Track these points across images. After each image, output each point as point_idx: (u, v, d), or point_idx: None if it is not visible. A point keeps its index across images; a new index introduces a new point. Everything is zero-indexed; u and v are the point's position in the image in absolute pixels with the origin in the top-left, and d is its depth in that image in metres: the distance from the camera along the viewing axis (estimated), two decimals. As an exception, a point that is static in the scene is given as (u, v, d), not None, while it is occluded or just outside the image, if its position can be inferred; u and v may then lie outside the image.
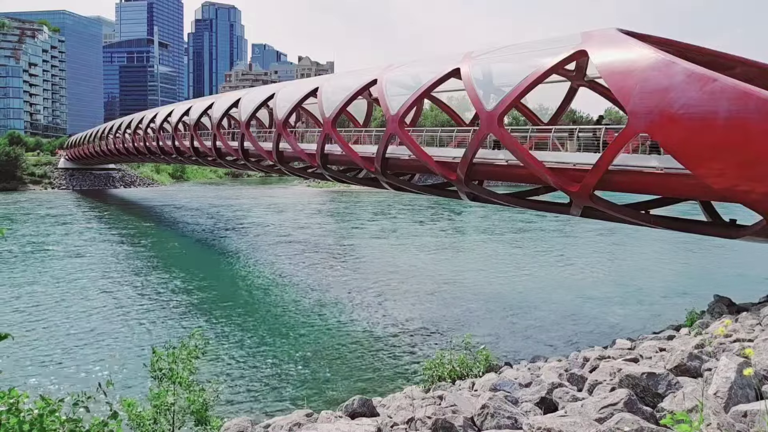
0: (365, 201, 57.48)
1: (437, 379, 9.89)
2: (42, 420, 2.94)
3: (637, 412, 4.40)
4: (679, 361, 6.31)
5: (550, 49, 15.00)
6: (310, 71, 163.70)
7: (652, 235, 28.31)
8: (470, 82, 15.91)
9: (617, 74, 12.26)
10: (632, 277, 21.98)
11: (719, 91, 10.16)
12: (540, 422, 3.85)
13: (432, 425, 5.18)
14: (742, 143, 9.97)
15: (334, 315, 17.12)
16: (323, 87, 23.74)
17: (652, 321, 15.45)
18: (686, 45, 13.91)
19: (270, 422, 6.94)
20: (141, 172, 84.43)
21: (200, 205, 55.59)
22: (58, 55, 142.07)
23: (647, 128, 11.34)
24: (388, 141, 18.59)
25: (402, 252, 28.26)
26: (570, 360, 9.77)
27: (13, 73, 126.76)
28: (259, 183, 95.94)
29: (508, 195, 16.99)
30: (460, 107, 27.44)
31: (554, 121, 18.87)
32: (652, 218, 13.45)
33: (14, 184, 69.57)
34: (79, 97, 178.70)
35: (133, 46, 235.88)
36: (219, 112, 31.87)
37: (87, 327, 15.92)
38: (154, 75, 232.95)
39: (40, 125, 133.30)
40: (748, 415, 3.76)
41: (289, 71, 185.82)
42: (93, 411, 3.40)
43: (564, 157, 14.03)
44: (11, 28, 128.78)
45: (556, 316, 16.57)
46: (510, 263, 25.32)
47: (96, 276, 22.76)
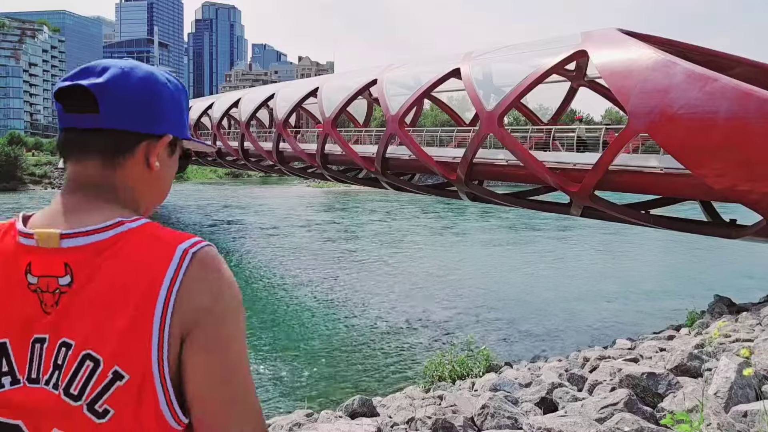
0: (365, 201, 57.52)
1: (437, 379, 9.89)
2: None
3: (637, 412, 4.40)
4: (679, 361, 6.32)
5: (550, 49, 15.01)
6: (310, 71, 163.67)
7: (652, 235, 28.32)
8: (470, 82, 15.92)
9: (617, 74, 12.26)
10: (632, 276, 21.98)
11: (719, 92, 10.16)
12: (540, 422, 3.85)
13: (432, 425, 5.18)
14: (743, 143, 9.97)
15: (334, 315, 17.13)
16: (323, 87, 23.77)
17: (652, 321, 15.44)
18: (686, 45, 13.91)
19: (270, 422, 6.94)
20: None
21: (200, 204, 55.64)
22: (58, 55, 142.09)
23: (647, 128, 11.35)
24: (388, 141, 18.60)
25: (402, 252, 28.27)
26: (570, 360, 9.77)
27: (13, 73, 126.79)
28: (259, 183, 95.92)
29: (508, 195, 16.99)
30: (460, 107, 27.49)
31: (554, 121, 18.89)
32: (652, 218, 13.45)
33: (14, 184, 69.57)
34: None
35: (133, 46, 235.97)
36: (219, 112, 31.90)
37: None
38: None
39: (40, 125, 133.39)
40: (748, 415, 3.77)
41: (289, 71, 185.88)
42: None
43: (564, 157, 14.04)
44: (11, 28, 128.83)
45: (556, 315, 16.57)
46: (510, 263, 25.32)
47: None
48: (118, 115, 0.94)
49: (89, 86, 0.93)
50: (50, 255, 0.89)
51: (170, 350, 0.87)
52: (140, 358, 0.85)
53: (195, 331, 0.88)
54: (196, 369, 0.89)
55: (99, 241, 0.90)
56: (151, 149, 0.99)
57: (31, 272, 0.89)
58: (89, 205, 0.94)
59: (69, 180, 0.98)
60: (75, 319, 0.87)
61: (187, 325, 0.88)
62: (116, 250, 0.89)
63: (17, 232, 0.92)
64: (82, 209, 0.94)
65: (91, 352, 0.85)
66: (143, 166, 1.00)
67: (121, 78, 0.95)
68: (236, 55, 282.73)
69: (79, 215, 0.93)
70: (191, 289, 0.89)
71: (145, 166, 1.00)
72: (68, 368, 0.86)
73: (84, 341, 0.86)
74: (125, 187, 0.98)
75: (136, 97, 0.96)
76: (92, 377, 0.85)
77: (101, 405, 0.85)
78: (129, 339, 0.85)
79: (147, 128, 0.98)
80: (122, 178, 0.98)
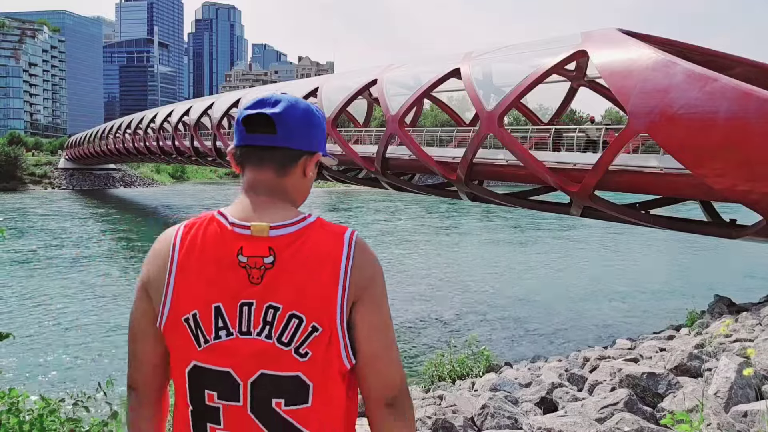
0: (368, 201, 57.52)
1: (437, 379, 9.88)
2: (42, 420, 2.94)
3: (637, 412, 4.40)
4: (679, 361, 6.32)
5: (550, 49, 15.00)
6: (310, 71, 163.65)
7: (652, 235, 28.31)
8: (470, 82, 15.91)
9: (617, 74, 12.25)
10: (632, 276, 21.97)
11: (719, 92, 10.15)
12: (540, 422, 3.85)
13: (432, 425, 5.18)
14: (743, 143, 9.96)
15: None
16: (323, 87, 23.75)
17: (652, 321, 15.44)
18: (686, 45, 13.90)
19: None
20: (141, 172, 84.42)
21: (200, 205, 55.62)
22: (58, 55, 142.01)
23: (647, 128, 11.34)
24: (388, 141, 18.60)
25: (402, 252, 28.26)
26: (570, 360, 9.77)
27: (13, 73, 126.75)
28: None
29: (508, 195, 16.98)
30: (460, 107, 27.46)
31: (554, 121, 18.88)
32: (652, 218, 13.45)
33: (14, 184, 69.53)
34: (79, 97, 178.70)
35: (133, 46, 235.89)
36: (219, 112, 31.89)
37: (87, 326, 15.93)
38: (154, 75, 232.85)
39: (40, 125, 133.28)
40: (748, 415, 3.77)
41: (289, 71, 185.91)
42: (93, 411, 3.40)
43: (564, 157, 14.04)
44: (11, 28, 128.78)
45: (557, 315, 16.57)
46: (510, 263, 25.32)
47: (96, 275, 22.77)
48: (288, 137, 1.28)
49: (270, 115, 1.25)
50: (258, 241, 1.22)
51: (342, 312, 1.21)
52: (330, 317, 1.19)
53: (363, 296, 1.23)
54: (364, 322, 1.23)
55: (292, 232, 1.23)
56: (308, 162, 1.33)
57: (242, 254, 1.21)
58: (273, 205, 1.28)
59: (249, 184, 1.30)
60: (278, 289, 1.19)
61: (359, 292, 1.22)
62: (304, 239, 1.22)
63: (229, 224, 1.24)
64: (269, 207, 1.27)
65: (296, 312, 1.19)
66: (301, 175, 1.33)
67: (290, 109, 1.28)
68: (236, 55, 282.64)
69: (268, 212, 1.26)
70: (358, 266, 1.23)
71: (301, 175, 1.33)
72: (278, 324, 1.19)
73: (289, 305, 1.19)
74: (290, 191, 1.32)
75: (300, 124, 1.29)
76: (298, 330, 1.18)
77: (304, 349, 1.19)
78: (322, 304, 1.19)
79: (306, 147, 1.32)
80: (288, 184, 1.31)
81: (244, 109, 1.29)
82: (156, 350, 1.29)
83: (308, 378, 1.20)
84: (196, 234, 1.26)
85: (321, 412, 1.23)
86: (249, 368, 1.19)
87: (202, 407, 1.23)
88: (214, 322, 1.20)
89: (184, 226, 1.29)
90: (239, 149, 1.31)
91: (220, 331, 1.20)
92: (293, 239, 1.22)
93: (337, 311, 1.20)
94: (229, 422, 1.22)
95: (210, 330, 1.21)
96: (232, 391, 1.20)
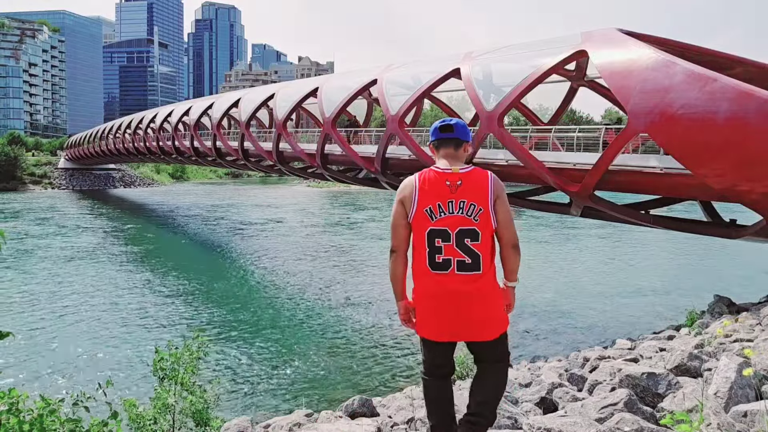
0: (365, 201, 57.51)
1: (437, 379, 9.86)
2: (42, 420, 2.94)
3: (637, 412, 4.39)
4: (679, 361, 6.31)
5: (550, 49, 14.99)
6: (310, 71, 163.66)
7: (652, 235, 28.31)
8: (470, 82, 15.91)
9: (617, 74, 12.25)
10: (632, 276, 21.97)
11: (719, 92, 10.15)
12: (540, 422, 3.85)
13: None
14: (743, 143, 9.95)
15: (335, 315, 17.13)
16: (323, 87, 23.73)
17: (652, 321, 15.45)
18: (686, 45, 13.89)
19: (270, 422, 6.93)
20: (141, 172, 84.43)
21: (201, 204, 55.61)
22: (58, 55, 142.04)
23: (647, 128, 11.33)
24: (388, 141, 18.60)
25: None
26: (570, 360, 9.77)
27: (13, 73, 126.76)
28: (259, 183, 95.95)
29: (508, 195, 16.95)
30: (460, 107, 27.48)
31: (554, 121, 18.87)
32: (652, 218, 13.44)
33: (14, 184, 69.57)
34: (79, 97, 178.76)
35: (133, 46, 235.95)
36: (219, 112, 31.87)
37: (87, 326, 15.93)
38: (154, 75, 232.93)
39: (40, 125, 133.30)
40: (748, 415, 3.76)
41: (289, 71, 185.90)
42: (93, 411, 3.40)
43: (564, 157, 14.03)
44: (11, 28, 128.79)
45: (556, 316, 16.57)
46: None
47: (96, 275, 22.77)
48: (460, 134, 2.99)
49: (453, 124, 3.00)
50: (454, 175, 2.85)
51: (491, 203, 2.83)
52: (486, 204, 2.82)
53: (497, 200, 2.85)
54: (499, 210, 2.86)
55: (467, 171, 2.87)
56: (466, 146, 3.02)
57: (448, 180, 2.83)
58: (456, 162, 2.92)
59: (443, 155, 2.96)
60: (465, 194, 2.81)
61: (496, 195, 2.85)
62: (472, 173, 2.86)
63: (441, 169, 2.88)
64: (455, 162, 2.91)
65: (474, 203, 2.80)
66: (463, 151, 2.99)
67: (459, 123, 3.01)
68: (236, 55, 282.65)
69: (456, 164, 2.90)
70: (496, 186, 2.86)
71: (463, 151, 2.99)
72: (465, 207, 2.80)
73: (470, 199, 2.81)
74: (460, 156, 2.97)
75: (462, 128, 3.00)
76: (473, 209, 2.80)
77: (477, 217, 2.81)
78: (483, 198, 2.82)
79: (465, 138, 3.00)
80: (459, 153, 2.97)
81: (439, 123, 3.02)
82: (406, 230, 2.88)
83: (479, 230, 2.80)
84: (425, 176, 2.86)
85: (484, 245, 2.82)
86: (454, 226, 2.79)
87: (433, 247, 2.80)
88: (438, 209, 2.80)
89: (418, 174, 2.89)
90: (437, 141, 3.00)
91: (441, 213, 2.80)
92: (468, 174, 2.85)
93: (489, 201, 2.81)
94: (447, 252, 2.79)
95: (437, 212, 2.80)
96: (447, 237, 2.79)
